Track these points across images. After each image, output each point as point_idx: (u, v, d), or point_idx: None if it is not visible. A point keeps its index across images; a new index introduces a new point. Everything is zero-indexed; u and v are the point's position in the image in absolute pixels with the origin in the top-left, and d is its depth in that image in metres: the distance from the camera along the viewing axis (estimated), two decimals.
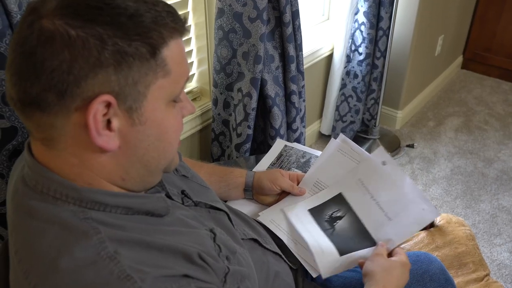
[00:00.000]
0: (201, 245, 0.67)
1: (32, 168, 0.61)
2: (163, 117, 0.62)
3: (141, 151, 0.62)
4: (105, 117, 0.57)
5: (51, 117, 0.56)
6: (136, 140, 0.61)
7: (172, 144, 0.66)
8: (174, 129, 0.65)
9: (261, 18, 1.41)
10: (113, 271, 0.54)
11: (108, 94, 0.55)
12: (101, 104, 0.55)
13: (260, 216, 1.07)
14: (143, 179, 0.66)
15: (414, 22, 2.35)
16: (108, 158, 0.61)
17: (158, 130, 0.62)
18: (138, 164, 0.63)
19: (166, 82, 0.60)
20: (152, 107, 0.60)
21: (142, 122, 0.60)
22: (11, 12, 0.86)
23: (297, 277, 1.00)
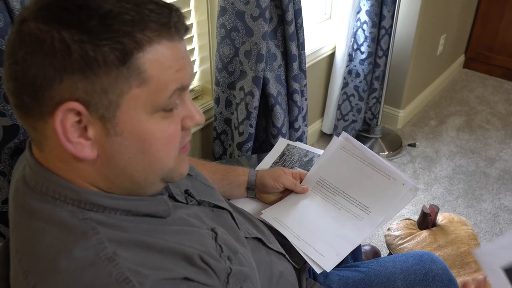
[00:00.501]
0: (203, 245, 0.66)
1: (33, 168, 0.61)
2: (145, 129, 0.57)
3: (122, 163, 0.59)
4: (80, 125, 0.55)
5: (32, 120, 0.57)
6: (114, 151, 0.58)
7: (161, 158, 0.61)
8: (163, 141, 0.60)
9: (263, 17, 1.41)
10: (111, 273, 0.54)
11: (76, 101, 0.53)
12: (69, 111, 0.54)
13: (263, 214, 1.07)
14: (131, 190, 0.63)
15: (416, 21, 2.35)
16: (89, 167, 0.59)
17: (139, 143, 0.58)
18: (122, 176, 0.61)
19: (143, 91, 0.55)
20: (128, 117, 0.56)
21: (118, 133, 0.56)
22: (13, 9, 0.85)
23: (300, 277, 1.00)
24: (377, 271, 1.05)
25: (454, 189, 2.27)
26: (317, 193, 1.10)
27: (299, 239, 1.01)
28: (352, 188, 1.08)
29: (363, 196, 1.06)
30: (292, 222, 1.04)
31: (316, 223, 1.04)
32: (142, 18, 0.54)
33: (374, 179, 1.07)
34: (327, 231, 1.02)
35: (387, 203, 1.03)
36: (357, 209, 1.05)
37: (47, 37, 0.52)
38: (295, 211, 1.07)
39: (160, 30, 0.55)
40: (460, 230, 1.52)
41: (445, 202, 2.19)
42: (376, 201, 1.04)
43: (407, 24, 2.38)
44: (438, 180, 2.32)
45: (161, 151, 0.60)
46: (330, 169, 1.12)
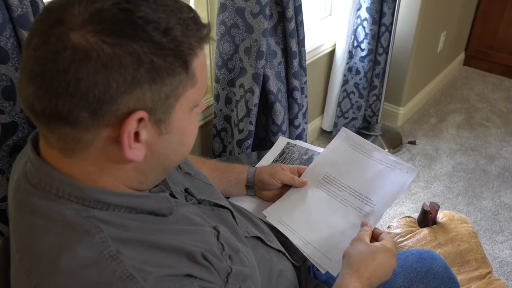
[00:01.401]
0: (205, 243, 0.66)
1: (35, 165, 0.60)
2: (187, 124, 0.63)
3: (163, 157, 0.63)
4: (135, 130, 0.56)
5: (80, 133, 0.55)
6: (161, 148, 0.61)
7: (190, 145, 0.67)
8: (193, 132, 0.67)
9: (263, 13, 1.40)
10: (115, 271, 0.53)
11: (142, 110, 0.55)
12: (135, 120, 0.55)
13: (266, 215, 1.07)
14: (158, 179, 0.68)
15: (417, 18, 2.34)
16: (131, 167, 0.61)
17: (180, 136, 0.63)
18: (158, 168, 0.65)
19: (193, 92, 0.60)
20: (178, 116, 0.60)
21: (168, 131, 0.60)
22: (11, 5, 0.85)
23: (300, 275, 0.99)
24: None
25: (454, 186, 2.27)
26: (321, 188, 1.09)
27: (306, 243, 0.99)
28: (357, 181, 1.06)
29: (368, 189, 1.05)
30: (298, 224, 1.03)
31: (322, 224, 1.03)
32: (189, 27, 0.57)
33: (378, 171, 1.06)
34: (334, 232, 1.01)
35: (392, 194, 1.03)
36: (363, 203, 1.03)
37: (117, 51, 0.52)
38: (300, 210, 1.06)
39: (201, 37, 0.59)
40: (461, 228, 1.52)
41: (445, 200, 2.18)
42: (381, 193, 1.03)
43: (407, 22, 2.37)
44: (438, 178, 2.32)
45: (192, 141, 0.67)
46: (332, 163, 1.11)
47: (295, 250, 1.00)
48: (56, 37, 0.52)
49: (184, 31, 0.56)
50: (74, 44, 0.51)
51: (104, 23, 0.52)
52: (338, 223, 1.02)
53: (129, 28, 0.53)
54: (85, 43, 0.51)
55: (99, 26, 0.52)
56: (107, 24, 0.52)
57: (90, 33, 0.51)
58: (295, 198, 1.09)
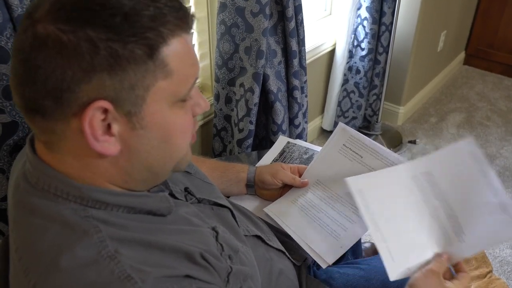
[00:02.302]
0: (204, 244, 0.66)
1: (34, 165, 0.60)
2: (167, 119, 0.59)
3: (144, 154, 0.60)
4: (105, 122, 0.55)
5: (51, 123, 0.56)
6: (138, 143, 0.59)
7: (179, 145, 0.63)
8: (182, 129, 0.62)
9: (263, 13, 1.40)
10: (113, 271, 0.53)
11: (104, 99, 0.53)
12: (97, 110, 0.54)
13: (265, 211, 1.07)
14: (146, 181, 0.65)
15: (417, 17, 2.34)
16: (109, 162, 0.59)
17: (161, 133, 0.60)
18: (141, 167, 0.62)
19: (167, 83, 0.57)
20: (153, 110, 0.57)
21: (143, 126, 0.57)
22: (11, 5, 0.85)
23: (300, 274, 0.99)
24: (378, 268, 1.04)
25: None
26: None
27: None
28: None
29: None
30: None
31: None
32: (162, 13, 0.55)
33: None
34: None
35: None
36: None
37: (72, 38, 0.51)
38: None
39: (178, 24, 0.56)
40: None
41: None
42: None
43: (407, 21, 2.37)
44: None
45: (180, 139, 0.63)
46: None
47: (295, 250, 1.00)
48: (24, 29, 0.54)
49: (153, 17, 0.54)
50: (34, 33, 0.52)
51: (62, 11, 0.52)
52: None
53: (85, 14, 0.52)
54: (44, 31, 0.52)
55: (57, 14, 0.52)
56: (65, 11, 0.52)
57: (50, 21, 0.52)
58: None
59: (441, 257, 0.83)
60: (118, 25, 0.52)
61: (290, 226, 1.03)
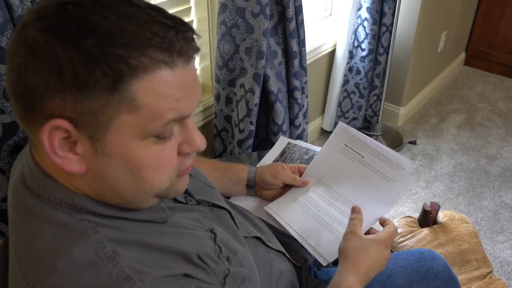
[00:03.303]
0: (201, 246, 0.66)
1: (31, 168, 0.61)
2: (134, 153, 0.55)
3: (110, 181, 0.57)
4: (71, 139, 0.54)
5: (26, 124, 0.56)
6: (102, 169, 0.56)
7: (150, 181, 0.58)
8: (154, 166, 0.57)
9: (264, 13, 1.40)
10: (112, 272, 0.53)
11: (63, 119, 0.52)
12: (56, 128, 0.53)
13: (266, 209, 1.07)
14: (122, 204, 0.61)
15: (417, 18, 2.34)
16: (79, 179, 0.58)
17: (127, 165, 0.56)
18: (111, 192, 0.59)
19: (134, 117, 0.53)
20: (117, 140, 0.54)
21: (106, 154, 0.55)
22: (12, 5, 0.85)
23: (300, 275, 0.99)
24: None
25: (455, 186, 2.26)
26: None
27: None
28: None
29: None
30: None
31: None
32: (141, 43, 0.50)
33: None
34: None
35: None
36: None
37: (42, 50, 0.50)
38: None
39: (160, 57, 0.52)
40: (461, 227, 1.52)
41: (445, 200, 2.18)
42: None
43: (408, 21, 2.37)
44: (438, 178, 2.32)
45: (151, 176, 0.58)
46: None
47: (295, 250, 1.00)
48: (16, 31, 0.54)
49: (128, 46, 0.50)
50: (18, 36, 0.53)
51: (43, 21, 0.51)
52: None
53: (60, 30, 0.50)
54: (24, 37, 0.52)
55: (39, 23, 0.51)
56: (45, 22, 0.51)
57: (32, 29, 0.52)
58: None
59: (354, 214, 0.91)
60: (88, 48, 0.49)
61: (290, 224, 1.03)
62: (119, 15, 0.51)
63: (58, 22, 0.51)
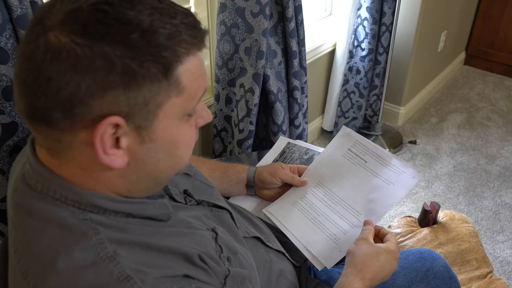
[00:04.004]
0: (202, 246, 0.66)
1: (33, 167, 0.60)
2: (175, 133, 0.60)
3: (150, 167, 0.60)
4: (114, 136, 0.55)
5: (58, 133, 0.55)
6: (146, 156, 0.59)
7: (183, 158, 0.64)
8: (187, 143, 0.63)
9: (263, 13, 1.40)
10: (112, 272, 0.53)
11: (117, 115, 0.53)
12: (109, 125, 0.53)
13: (265, 212, 1.07)
14: (149, 189, 0.65)
15: (417, 17, 2.34)
16: (115, 174, 0.59)
17: (169, 146, 0.60)
18: (146, 178, 0.62)
19: (179, 100, 0.57)
20: (164, 125, 0.57)
21: (152, 140, 0.57)
22: (11, 6, 0.85)
23: (300, 275, 0.99)
24: None
25: (455, 186, 2.26)
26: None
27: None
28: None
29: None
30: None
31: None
32: (178, 31, 0.54)
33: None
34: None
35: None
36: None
37: (88, 52, 0.50)
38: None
39: (193, 42, 0.56)
40: (461, 227, 1.52)
41: (446, 200, 2.18)
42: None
43: (407, 21, 2.37)
44: (439, 177, 2.32)
45: (185, 152, 0.63)
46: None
47: (295, 250, 1.00)
48: (35, 36, 0.52)
49: (170, 36, 0.53)
50: (47, 43, 0.51)
51: (77, 23, 0.51)
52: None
53: (102, 29, 0.51)
54: (57, 42, 0.51)
55: (72, 26, 0.51)
56: (80, 24, 0.51)
57: (64, 32, 0.51)
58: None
59: (365, 225, 0.94)
60: (135, 42, 0.51)
61: (289, 228, 1.03)
62: (148, 8, 0.53)
63: (98, 21, 0.51)
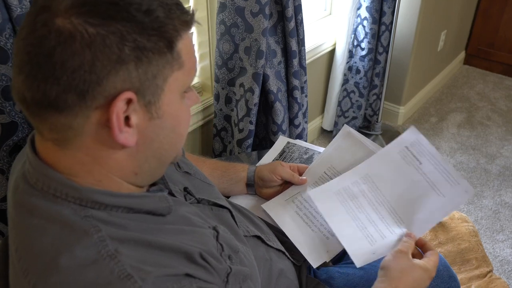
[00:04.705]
0: (204, 244, 0.66)
1: (34, 165, 0.60)
2: (178, 109, 0.62)
3: (156, 144, 0.62)
4: (125, 114, 0.56)
5: (69, 118, 0.55)
6: (153, 133, 0.61)
7: (183, 135, 0.66)
8: (186, 120, 0.66)
9: (263, 13, 1.40)
10: (113, 270, 0.53)
11: (130, 91, 0.55)
12: (123, 101, 0.55)
13: (263, 207, 1.07)
14: (154, 172, 0.67)
15: (417, 17, 2.34)
16: (124, 154, 0.60)
17: (173, 122, 0.62)
18: (151, 158, 0.63)
19: (180, 74, 0.60)
20: (168, 100, 0.60)
21: (159, 116, 0.60)
22: (11, 5, 0.85)
23: (300, 274, 0.99)
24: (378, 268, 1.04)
25: None
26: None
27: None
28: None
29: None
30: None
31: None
32: (174, 10, 0.58)
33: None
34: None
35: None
36: None
37: (101, 31, 0.52)
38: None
39: (185, 20, 0.60)
40: (461, 227, 1.52)
41: None
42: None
43: (407, 20, 2.37)
44: None
45: (185, 129, 0.66)
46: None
47: (295, 249, 1.00)
48: (42, 24, 0.53)
49: (167, 13, 0.57)
50: (58, 28, 0.52)
51: (87, 5, 0.53)
52: None
53: (112, 9, 0.53)
54: (70, 25, 0.52)
55: (82, 8, 0.53)
56: (90, 6, 0.53)
57: (74, 15, 0.52)
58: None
59: (407, 237, 0.90)
60: (141, 19, 0.55)
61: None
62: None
63: (105, 3, 0.54)
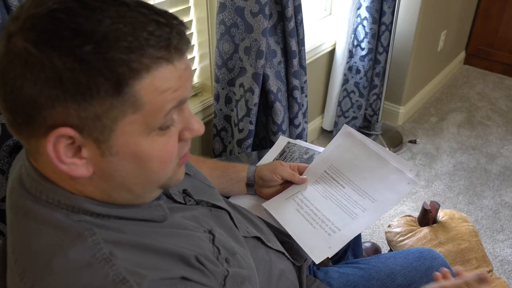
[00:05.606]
0: (199, 248, 0.66)
1: (28, 170, 0.60)
2: (141, 149, 0.56)
3: (119, 179, 0.58)
4: (74, 145, 0.54)
5: (24, 138, 0.55)
6: (111, 169, 0.56)
7: (158, 173, 0.60)
8: (160, 159, 0.58)
9: (263, 13, 1.40)
10: (108, 274, 0.53)
11: (68, 126, 0.51)
12: (61, 136, 0.52)
13: (264, 205, 1.07)
14: (130, 201, 0.62)
15: (417, 17, 2.34)
16: (85, 182, 0.58)
17: (135, 161, 0.57)
18: (120, 189, 0.60)
19: (138, 116, 0.53)
20: (123, 140, 0.54)
21: (113, 154, 0.55)
22: (11, 6, 0.85)
23: (300, 275, 0.99)
24: (378, 268, 1.05)
25: (455, 185, 2.26)
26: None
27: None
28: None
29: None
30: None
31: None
32: (140, 44, 0.50)
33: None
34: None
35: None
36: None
37: (37, 62, 0.49)
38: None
39: (159, 55, 0.52)
40: (461, 226, 1.52)
41: (445, 199, 2.18)
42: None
43: (407, 20, 2.37)
44: (438, 177, 2.32)
45: (159, 167, 0.59)
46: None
47: (295, 250, 1.00)
48: (2, 44, 0.52)
49: (128, 49, 0.50)
50: (7, 47, 0.51)
51: (33, 31, 0.49)
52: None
53: (54, 39, 0.49)
54: (14, 47, 0.50)
55: (28, 33, 0.49)
56: (36, 32, 0.49)
57: (20, 39, 0.50)
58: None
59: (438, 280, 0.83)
60: (87, 55, 0.49)
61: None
62: (112, 17, 0.50)
63: (51, 31, 0.49)
